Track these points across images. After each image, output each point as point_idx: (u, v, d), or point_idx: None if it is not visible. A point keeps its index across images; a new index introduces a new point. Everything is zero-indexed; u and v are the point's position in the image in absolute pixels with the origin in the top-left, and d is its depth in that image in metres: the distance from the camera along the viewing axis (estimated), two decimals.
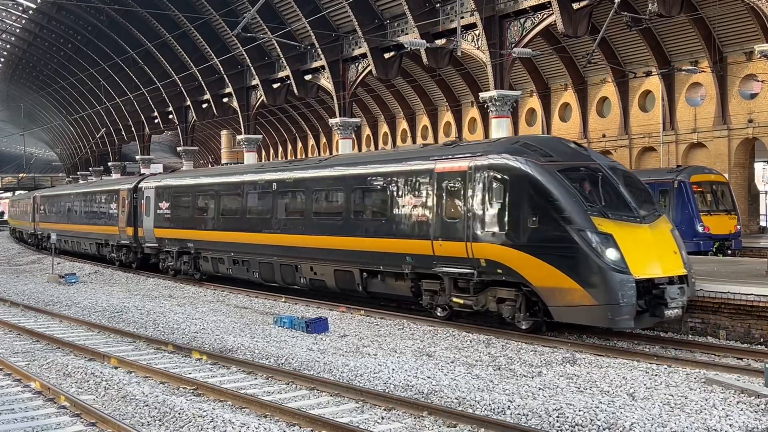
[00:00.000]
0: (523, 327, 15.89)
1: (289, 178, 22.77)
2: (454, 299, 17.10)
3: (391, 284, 18.98)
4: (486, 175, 15.87)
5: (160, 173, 39.81)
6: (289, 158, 67.55)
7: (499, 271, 15.62)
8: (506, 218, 15.38)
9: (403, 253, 17.95)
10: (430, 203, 17.29)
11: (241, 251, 24.61)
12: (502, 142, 17.21)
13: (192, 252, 27.53)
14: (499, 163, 15.74)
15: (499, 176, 15.62)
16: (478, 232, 15.91)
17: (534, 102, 42.55)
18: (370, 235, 19.04)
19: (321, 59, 39.01)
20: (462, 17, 30.61)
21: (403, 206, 18.05)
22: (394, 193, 18.40)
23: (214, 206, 26.30)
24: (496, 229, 15.58)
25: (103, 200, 35.05)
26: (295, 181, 22.46)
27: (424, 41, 29.75)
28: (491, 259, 15.67)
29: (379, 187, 19.04)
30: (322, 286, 21.33)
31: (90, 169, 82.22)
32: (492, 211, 15.69)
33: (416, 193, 17.76)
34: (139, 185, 31.14)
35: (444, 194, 16.92)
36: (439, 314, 17.97)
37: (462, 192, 16.41)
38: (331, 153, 59.81)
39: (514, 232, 15.21)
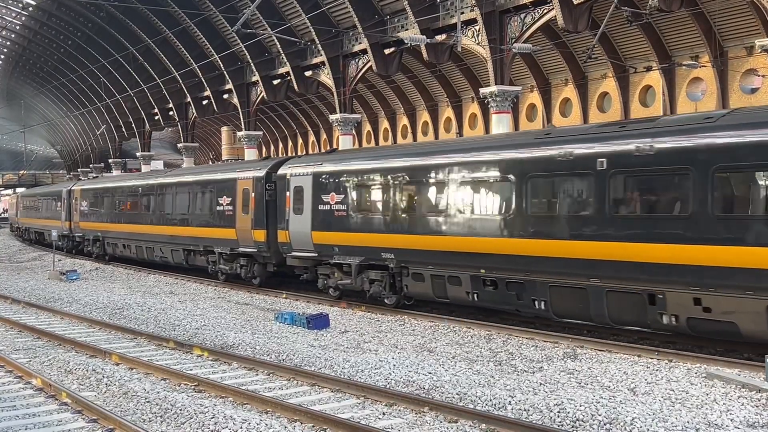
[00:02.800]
0: None
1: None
2: None
3: None
4: None
5: (303, 155, 27.46)
6: (290, 155, 67.54)
7: None
8: None
9: None
10: None
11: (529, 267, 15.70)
12: None
13: (391, 266, 18.91)
14: None
15: None
16: None
17: (534, 97, 42.49)
18: None
19: (321, 55, 38.95)
20: (462, 13, 30.55)
21: None
22: None
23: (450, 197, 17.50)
24: None
25: (203, 193, 27.34)
26: None
27: (424, 37, 29.69)
28: None
29: None
30: None
31: (90, 165, 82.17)
32: None
33: None
34: (281, 172, 23.07)
35: None
36: None
37: None
38: (331, 148, 59.73)
39: None
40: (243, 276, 25.26)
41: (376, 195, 19.67)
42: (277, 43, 40.50)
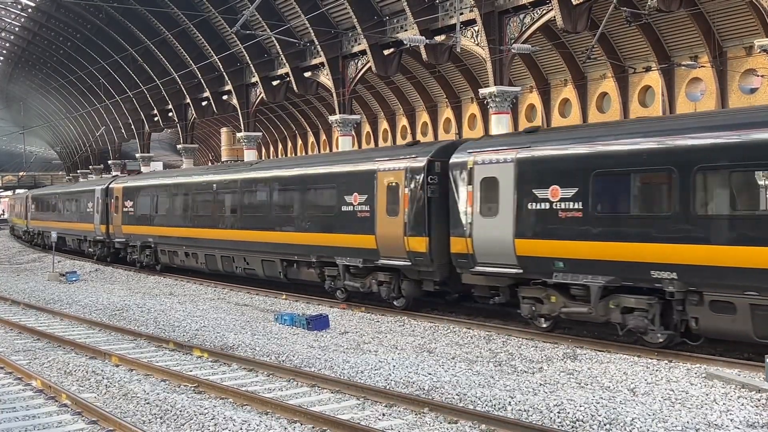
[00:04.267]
0: None
1: None
2: None
3: None
4: None
5: (486, 137, 20.59)
6: (289, 155, 67.55)
7: None
8: None
9: None
10: None
11: None
12: None
13: (670, 290, 13.41)
14: None
15: None
16: None
17: (534, 98, 42.49)
18: None
19: (320, 56, 38.96)
20: (461, 13, 30.56)
21: None
22: None
23: None
24: None
25: (318, 190, 21.87)
26: None
27: (423, 38, 29.69)
28: None
29: None
30: None
31: (90, 167, 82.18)
32: None
33: None
34: (457, 159, 17.62)
35: None
36: None
37: None
38: (330, 150, 59.79)
39: None
40: (384, 296, 19.60)
41: (643, 187, 14.11)
42: (277, 44, 40.50)
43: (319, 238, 21.27)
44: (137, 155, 65.42)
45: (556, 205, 15.18)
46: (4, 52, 74.82)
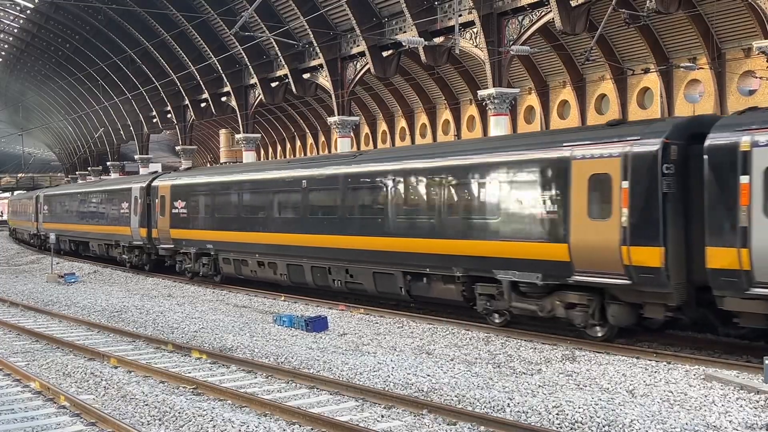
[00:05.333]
0: None
1: None
2: None
3: None
4: None
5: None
6: (288, 157, 67.52)
7: None
8: None
9: None
10: None
11: None
12: None
13: None
14: None
15: None
16: None
17: (532, 99, 42.49)
18: None
19: (319, 58, 38.96)
20: (460, 15, 30.57)
21: None
22: None
23: None
24: None
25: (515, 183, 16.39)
26: None
27: (422, 39, 29.71)
28: None
29: None
30: None
31: (89, 168, 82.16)
32: None
33: None
34: None
35: None
36: None
37: None
38: (329, 151, 59.79)
39: None
40: (579, 323, 15.22)
41: None
42: (275, 45, 40.50)
43: (467, 247, 16.86)
44: (136, 157, 65.41)
45: None
46: (3, 53, 74.81)
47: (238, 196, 25.29)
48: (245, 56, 43.72)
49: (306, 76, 41.87)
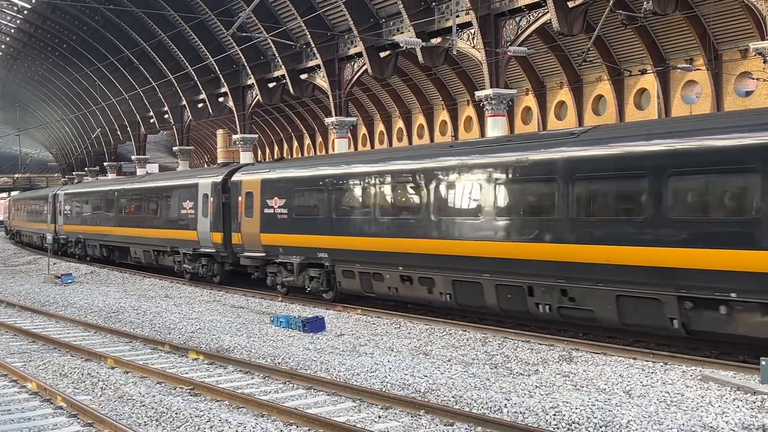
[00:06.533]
0: None
1: None
2: None
3: None
4: None
5: None
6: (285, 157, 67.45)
7: None
8: None
9: None
10: None
11: None
12: None
13: None
14: None
15: None
16: None
17: (530, 100, 42.52)
18: None
19: (317, 58, 38.98)
20: (457, 16, 30.61)
21: None
22: None
23: None
24: None
25: None
26: None
27: (419, 40, 29.75)
28: None
29: None
30: None
31: (86, 169, 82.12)
32: None
33: None
34: None
35: None
36: None
37: None
38: (326, 152, 59.79)
39: None
40: None
41: None
42: (273, 46, 40.51)
43: None
44: (133, 157, 65.41)
45: None
46: (0, 53, 74.76)
47: (372, 190, 19.50)
48: (242, 57, 43.73)
49: (303, 76, 41.89)
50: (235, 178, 25.05)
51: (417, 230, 18.04)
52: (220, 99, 50.07)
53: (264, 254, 23.33)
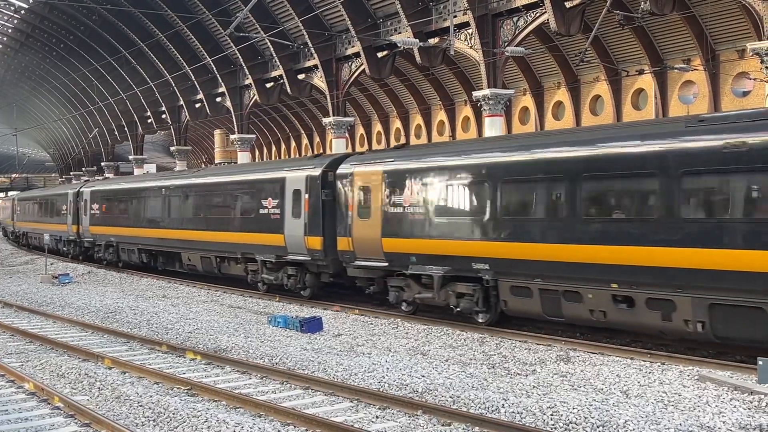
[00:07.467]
0: None
1: None
2: None
3: None
4: None
5: None
6: (283, 158, 67.44)
7: None
8: None
9: None
10: None
11: None
12: None
13: None
14: None
15: None
16: None
17: (527, 100, 42.55)
18: None
19: (314, 58, 38.97)
20: (455, 16, 30.62)
21: None
22: None
23: None
24: None
25: None
26: None
27: (417, 40, 29.74)
28: None
29: None
30: None
31: (83, 169, 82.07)
32: None
33: None
34: None
35: None
36: None
37: None
38: (325, 152, 59.76)
39: None
40: None
41: None
42: (270, 46, 40.51)
43: None
44: (130, 157, 65.38)
45: None
46: None
47: (574, 184, 14.74)
48: (240, 57, 43.71)
49: (301, 76, 41.90)
50: (343, 170, 20.42)
51: (646, 236, 13.60)
52: (218, 99, 50.06)
53: (386, 264, 18.80)
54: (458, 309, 17.26)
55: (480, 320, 17.04)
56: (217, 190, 26.29)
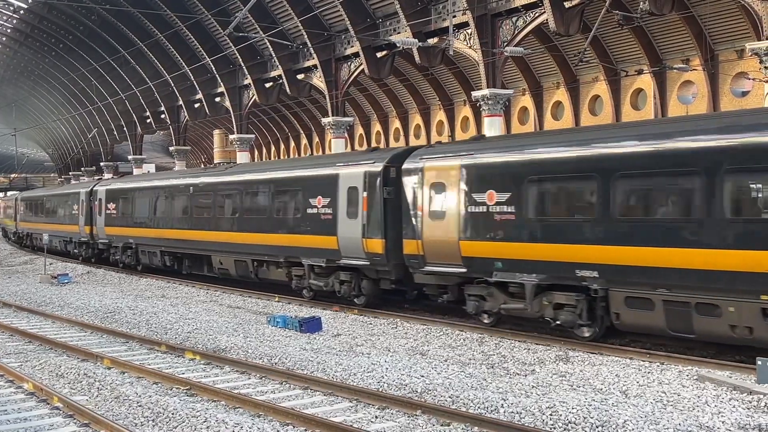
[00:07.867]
0: None
1: None
2: None
3: None
4: None
5: None
6: (282, 158, 67.43)
7: None
8: None
9: None
10: None
11: None
12: None
13: None
14: None
15: None
16: None
17: (526, 100, 42.56)
18: None
19: (313, 58, 38.96)
20: (454, 16, 30.61)
21: None
22: None
23: None
24: None
25: None
26: None
27: (416, 40, 29.74)
28: None
29: None
30: None
31: (82, 169, 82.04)
32: None
33: None
34: None
35: None
36: None
37: None
38: (323, 152, 59.76)
39: None
40: None
41: None
42: (270, 46, 40.49)
43: None
44: (129, 157, 65.34)
45: None
46: None
47: (713, 180, 12.78)
48: (239, 57, 43.70)
49: (300, 76, 41.88)
50: (410, 164, 18.35)
51: None
52: (217, 99, 50.03)
53: (464, 270, 16.88)
54: (557, 322, 15.27)
55: (586, 334, 15.05)
56: (256, 187, 23.89)
